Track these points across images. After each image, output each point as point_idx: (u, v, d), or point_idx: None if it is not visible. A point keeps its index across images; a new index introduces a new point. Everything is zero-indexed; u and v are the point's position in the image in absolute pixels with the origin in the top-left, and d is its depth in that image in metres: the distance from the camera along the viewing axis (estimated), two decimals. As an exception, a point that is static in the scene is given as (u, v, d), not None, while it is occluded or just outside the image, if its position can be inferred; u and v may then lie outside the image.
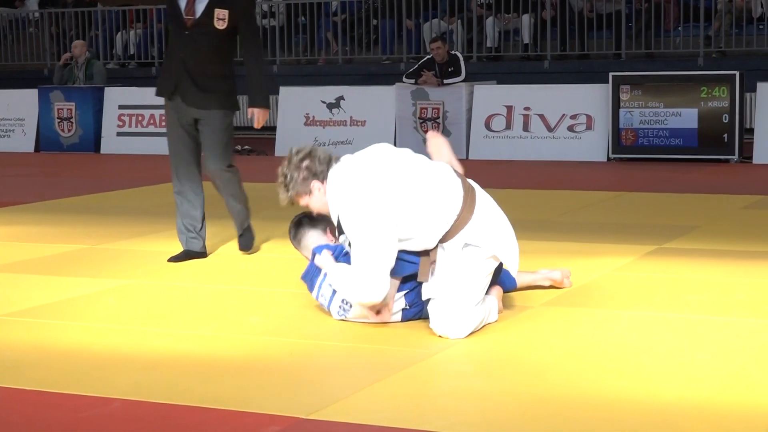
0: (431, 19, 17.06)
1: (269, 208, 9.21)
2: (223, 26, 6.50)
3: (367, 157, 4.92)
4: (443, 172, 4.97)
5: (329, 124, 14.32)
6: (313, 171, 4.88)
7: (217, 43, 6.55)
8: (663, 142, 12.61)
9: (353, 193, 4.77)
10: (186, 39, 6.56)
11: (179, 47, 6.61)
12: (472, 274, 4.86)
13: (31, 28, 20.08)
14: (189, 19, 6.54)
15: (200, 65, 6.56)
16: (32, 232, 8.14)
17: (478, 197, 4.95)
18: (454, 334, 4.82)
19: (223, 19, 6.49)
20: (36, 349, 4.87)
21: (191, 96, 6.57)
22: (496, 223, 4.97)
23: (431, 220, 4.81)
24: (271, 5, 18.34)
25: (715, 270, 6.28)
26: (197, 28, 6.52)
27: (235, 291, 6.04)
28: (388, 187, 4.77)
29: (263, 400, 4.09)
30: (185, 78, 6.56)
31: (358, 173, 4.82)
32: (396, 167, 4.87)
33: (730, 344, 4.73)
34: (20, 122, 15.87)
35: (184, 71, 6.55)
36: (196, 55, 6.55)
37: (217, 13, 6.49)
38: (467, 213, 4.85)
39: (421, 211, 4.80)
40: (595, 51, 16.25)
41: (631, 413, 3.84)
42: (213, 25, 6.50)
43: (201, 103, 6.57)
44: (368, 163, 4.87)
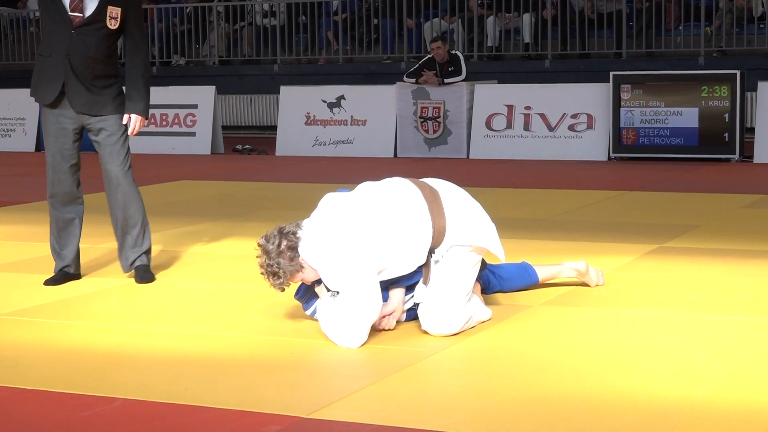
0: (432, 19, 17.07)
1: (270, 207, 9.23)
2: (115, 26, 5.99)
3: (326, 215, 4.85)
4: (403, 196, 4.89)
5: (330, 124, 14.32)
6: (295, 247, 4.81)
7: (108, 43, 6.03)
8: (664, 142, 12.61)
9: (327, 249, 4.72)
10: (72, 38, 5.96)
11: (63, 47, 5.98)
12: (457, 270, 4.89)
13: (32, 27, 20.08)
14: (76, 16, 5.96)
15: (91, 67, 5.99)
16: (33, 232, 8.14)
17: (443, 199, 4.91)
18: (444, 329, 4.84)
19: (116, 18, 5.99)
20: (37, 349, 4.87)
21: (82, 101, 6.03)
22: (470, 215, 4.96)
23: (409, 247, 4.82)
24: (272, 4, 18.34)
25: (715, 269, 6.28)
26: (86, 27, 5.95)
27: (235, 290, 6.04)
28: (358, 233, 4.72)
29: (264, 400, 4.09)
30: (74, 82, 5.99)
31: (325, 230, 4.77)
32: (359, 212, 4.81)
33: (730, 343, 4.73)
34: (21, 122, 15.88)
35: (72, 74, 5.97)
36: (85, 56, 5.97)
37: (110, 12, 5.98)
38: (440, 221, 4.85)
39: (395, 245, 4.79)
40: (595, 50, 16.26)
41: (631, 412, 3.84)
42: (106, 24, 5.97)
43: (94, 108, 6.04)
44: (331, 218, 4.81)
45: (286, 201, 9.85)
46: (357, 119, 14.19)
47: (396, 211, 4.85)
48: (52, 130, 6.15)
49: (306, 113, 14.48)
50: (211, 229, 8.11)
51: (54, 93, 6.04)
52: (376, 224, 4.78)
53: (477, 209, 5.02)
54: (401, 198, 4.89)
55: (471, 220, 4.94)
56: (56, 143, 6.16)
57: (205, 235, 7.76)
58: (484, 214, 5.03)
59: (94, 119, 6.06)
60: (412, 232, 4.82)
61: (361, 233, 4.73)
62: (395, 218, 4.82)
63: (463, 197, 5.03)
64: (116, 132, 6.10)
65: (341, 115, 14.31)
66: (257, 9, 18.62)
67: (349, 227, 4.75)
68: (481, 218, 4.99)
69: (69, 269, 6.23)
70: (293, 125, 14.47)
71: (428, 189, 4.96)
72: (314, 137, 14.28)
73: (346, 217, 4.79)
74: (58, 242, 6.26)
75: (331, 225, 4.78)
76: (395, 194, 4.92)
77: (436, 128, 13.68)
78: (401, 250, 4.82)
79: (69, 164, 6.18)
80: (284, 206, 9.36)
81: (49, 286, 6.11)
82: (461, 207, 4.96)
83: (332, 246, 4.73)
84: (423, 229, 4.84)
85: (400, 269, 4.90)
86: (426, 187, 4.97)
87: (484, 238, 4.94)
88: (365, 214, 4.80)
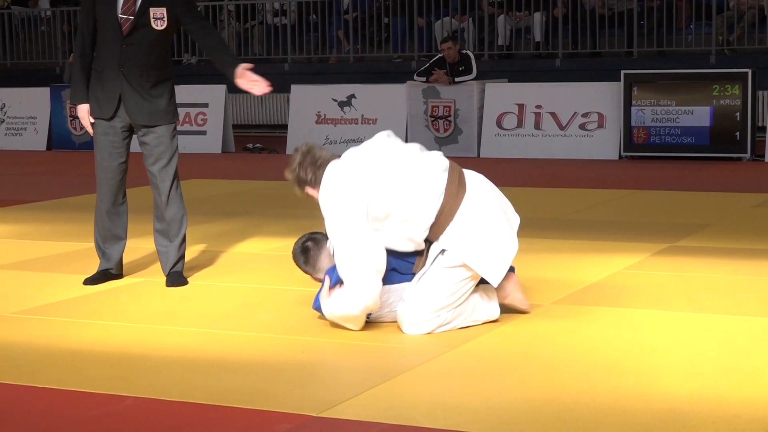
0: (442, 18, 17.06)
1: (280, 206, 9.24)
2: (162, 26, 5.96)
3: (353, 154, 4.95)
4: (431, 162, 4.91)
5: (340, 122, 14.33)
6: (302, 180, 4.97)
7: (160, 47, 6.02)
8: (675, 140, 12.58)
9: (329, 189, 4.83)
10: (123, 49, 5.94)
11: (115, 60, 5.96)
12: (440, 280, 4.84)
13: (43, 26, 20.13)
14: (127, 19, 5.92)
15: (145, 75, 5.98)
16: (44, 230, 8.16)
17: (470, 194, 4.87)
18: (413, 330, 4.86)
19: (162, 18, 5.95)
20: (48, 347, 4.88)
21: (140, 112, 6.01)
22: (475, 230, 4.83)
23: (414, 204, 4.79)
24: (283, 4, 18.35)
25: (726, 268, 6.27)
26: (135, 34, 5.92)
27: (246, 289, 6.04)
28: (363, 179, 4.79)
29: (274, 398, 4.09)
30: (130, 94, 5.97)
31: (337, 169, 4.87)
32: (378, 158, 4.87)
33: (741, 342, 4.72)
34: (32, 120, 15.91)
35: (128, 86, 5.96)
36: (139, 65, 5.96)
37: (153, 13, 5.94)
38: (452, 205, 4.81)
39: (401, 196, 4.79)
40: (606, 49, 16.23)
41: (642, 412, 3.83)
42: (151, 25, 5.94)
43: (152, 119, 6.02)
44: (350, 158, 4.91)
45: (297, 200, 9.82)
46: (367, 118, 14.19)
47: (415, 172, 4.84)
48: (101, 128, 6.08)
49: (316, 112, 14.49)
50: (222, 227, 8.12)
51: (112, 108, 6.01)
52: (390, 177, 4.80)
53: (490, 226, 4.86)
54: (428, 166, 4.87)
55: (473, 235, 4.83)
56: (105, 140, 6.09)
57: (215, 234, 7.77)
58: (495, 233, 4.86)
59: (147, 129, 6.06)
60: (420, 195, 4.79)
61: (370, 183, 4.76)
62: (412, 177, 4.82)
63: (485, 210, 4.89)
64: (166, 137, 6.09)
65: (352, 114, 14.31)
66: (268, 8, 18.64)
67: (361, 174, 4.78)
68: (486, 237, 4.84)
69: (112, 270, 6.24)
70: (304, 124, 14.48)
71: (458, 181, 4.89)
72: (325, 136, 14.29)
73: (364, 162, 4.83)
74: (103, 243, 6.23)
75: (347, 166, 4.84)
76: (425, 161, 4.90)
77: (447, 127, 13.68)
78: (406, 209, 4.78)
79: (117, 162, 6.12)
80: (295, 205, 9.34)
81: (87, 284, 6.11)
82: (473, 219, 4.85)
83: (335, 188, 4.79)
84: (429, 206, 4.80)
85: (396, 239, 4.84)
86: (458, 177, 4.90)
87: (473, 258, 4.81)
88: (385, 167, 4.83)
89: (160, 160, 6.09)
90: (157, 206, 6.17)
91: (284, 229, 7.68)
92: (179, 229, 6.17)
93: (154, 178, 6.12)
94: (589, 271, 6.22)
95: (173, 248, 6.15)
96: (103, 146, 6.09)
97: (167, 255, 6.16)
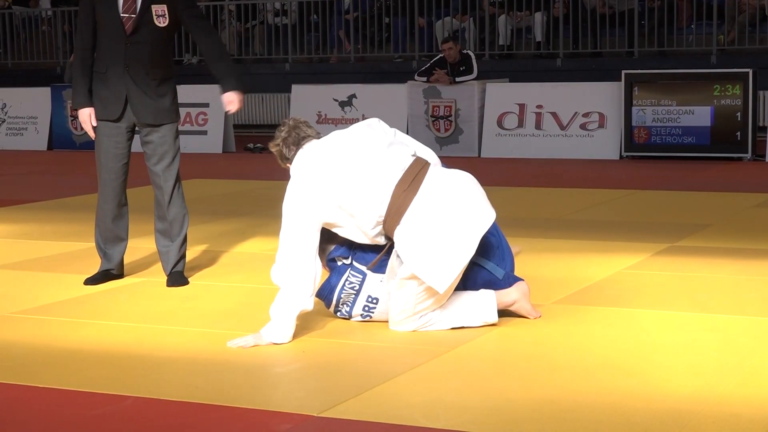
0: (443, 17, 17.06)
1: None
2: (164, 23, 5.95)
3: (328, 142, 5.07)
4: (390, 160, 4.91)
5: (341, 122, 14.32)
6: (284, 156, 5.21)
7: (163, 44, 6.02)
8: (676, 140, 12.58)
9: (294, 174, 4.99)
10: (128, 48, 5.93)
11: (120, 60, 5.95)
12: (402, 291, 4.84)
13: (44, 26, 20.14)
14: (129, 18, 5.90)
15: (151, 74, 5.98)
16: (45, 230, 8.16)
17: (420, 197, 4.78)
18: (393, 326, 4.94)
19: (164, 15, 5.94)
20: (49, 347, 4.88)
21: (147, 112, 6.02)
22: (428, 232, 4.72)
23: (359, 201, 4.82)
24: (284, 3, 18.35)
25: (727, 268, 6.26)
26: (139, 32, 5.91)
27: (247, 289, 6.04)
28: (319, 171, 4.89)
29: (274, 398, 4.09)
30: (137, 94, 5.98)
31: (306, 158, 5.01)
32: (344, 151, 4.96)
33: (742, 342, 4.72)
34: (33, 120, 15.92)
35: (135, 86, 5.96)
36: (144, 63, 5.95)
37: (155, 10, 5.93)
38: (399, 206, 4.77)
39: (349, 192, 4.83)
40: (607, 49, 16.23)
41: (643, 411, 3.83)
42: (154, 23, 5.94)
43: (158, 118, 6.03)
44: (322, 147, 5.03)
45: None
46: (368, 118, 14.18)
47: (370, 162, 4.88)
48: (106, 130, 6.07)
49: (317, 112, 14.50)
50: (222, 227, 8.12)
51: (119, 109, 6.01)
52: (345, 170, 4.87)
53: (436, 232, 4.71)
54: (383, 167, 4.88)
55: (418, 241, 4.72)
56: (109, 142, 6.07)
57: (216, 234, 7.77)
58: (441, 238, 4.70)
59: (151, 128, 6.07)
60: (363, 199, 4.81)
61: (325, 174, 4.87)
62: (361, 176, 4.85)
63: (433, 214, 4.75)
64: (170, 136, 6.09)
65: (353, 114, 14.31)
66: (269, 8, 18.64)
67: (313, 181, 4.88)
68: (431, 243, 4.70)
69: (113, 271, 6.23)
70: (305, 124, 14.46)
71: (410, 182, 4.83)
72: (326, 136, 14.28)
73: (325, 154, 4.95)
74: (104, 243, 6.22)
75: (308, 158, 4.98)
76: (385, 160, 4.92)
77: (448, 127, 13.68)
78: (350, 210, 4.82)
79: (122, 163, 6.11)
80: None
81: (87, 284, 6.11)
82: (419, 223, 4.74)
83: (294, 177, 4.96)
84: (374, 204, 4.81)
85: (352, 230, 4.90)
86: (413, 178, 4.84)
87: (417, 265, 4.70)
88: (339, 157, 4.93)
89: (164, 160, 6.09)
90: (159, 205, 6.17)
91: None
92: (181, 228, 6.17)
93: (157, 178, 6.12)
94: (589, 271, 6.21)
95: (174, 248, 6.15)
96: (108, 148, 6.08)
97: (168, 255, 6.15)
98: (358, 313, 5.11)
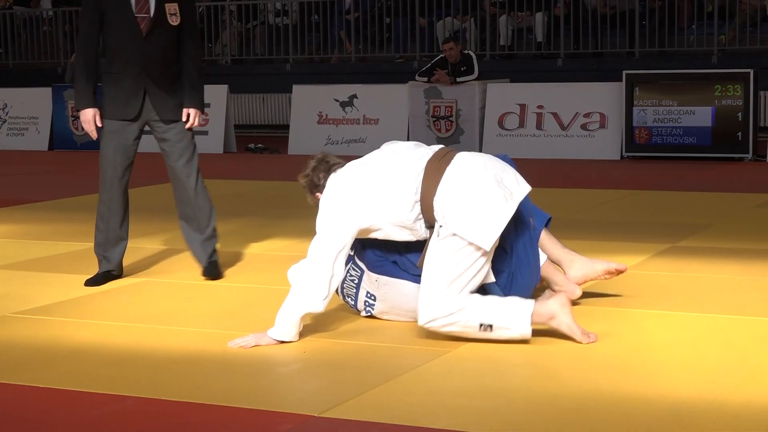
0: (444, 18, 17.05)
1: (282, 206, 9.24)
2: (176, 21, 6.01)
3: (352, 163, 5.02)
4: (418, 148, 4.96)
5: (342, 123, 14.32)
6: (314, 184, 5.03)
7: (175, 42, 6.06)
8: (677, 141, 12.58)
9: (330, 192, 4.90)
10: (145, 49, 5.98)
11: (136, 61, 5.99)
12: (436, 255, 4.72)
13: (45, 26, 20.13)
14: (144, 18, 5.94)
15: (167, 72, 6.05)
16: (46, 230, 8.16)
17: (448, 173, 4.80)
18: (420, 318, 4.76)
19: (176, 14, 6.00)
20: (49, 347, 4.88)
21: (167, 108, 6.08)
22: (460, 198, 4.73)
23: (392, 204, 4.81)
24: (285, 4, 18.35)
25: (728, 268, 6.26)
26: (155, 32, 5.97)
27: (247, 289, 6.04)
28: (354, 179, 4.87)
29: (275, 398, 4.09)
30: (156, 92, 6.04)
31: (340, 177, 4.94)
32: (371, 157, 4.99)
33: (742, 343, 4.72)
34: (34, 120, 15.92)
35: (153, 86, 6.02)
36: (161, 62, 6.01)
37: (168, 9, 5.98)
38: (428, 191, 4.76)
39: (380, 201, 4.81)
40: (608, 49, 16.22)
41: (644, 412, 3.83)
42: (168, 22, 5.98)
43: (178, 113, 6.09)
44: (348, 167, 4.98)
45: (299, 200, 9.80)
46: (369, 118, 14.19)
47: (387, 167, 4.87)
48: (116, 128, 6.08)
49: (318, 112, 14.49)
50: (223, 228, 8.10)
51: (137, 108, 6.05)
52: (367, 181, 4.85)
53: (474, 191, 4.75)
54: (404, 159, 4.89)
55: (457, 203, 4.72)
56: (120, 139, 6.09)
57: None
58: (480, 197, 4.73)
59: (166, 125, 6.13)
60: (395, 188, 4.80)
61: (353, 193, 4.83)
62: (383, 172, 4.85)
63: (468, 177, 4.80)
64: (187, 132, 6.18)
65: (353, 114, 14.31)
66: (270, 8, 18.63)
67: (348, 189, 4.86)
68: (472, 203, 4.71)
69: (113, 272, 6.25)
70: (306, 124, 14.48)
71: (440, 159, 4.87)
72: (327, 136, 14.29)
73: (353, 179, 4.90)
74: (105, 245, 6.22)
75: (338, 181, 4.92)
76: (398, 152, 4.96)
77: (449, 127, 13.68)
78: (384, 204, 4.80)
79: (129, 162, 6.15)
80: (297, 205, 9.34)
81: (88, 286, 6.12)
82: (457, 188, 4.75)
83: (327, 198, 4.89)
84: (407, 190, 4.79)
85: (392, 229, 4.85)
86: (441, 156, 4.90)
87: (459, 225, 4.68)
88: (371, 162, 4.94)
89: (184, 155, 6.18)
90: (182, 203, 6.24)
91: (285, 229, 7.68)
92: (209, 219, 6.24)
93: (180, 174, 6.20)
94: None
95: (206, 239, 6.23)
96: (118, 147, 6.09)
97: (204, 245, 6.23)
98: (362, 307, 5.14)
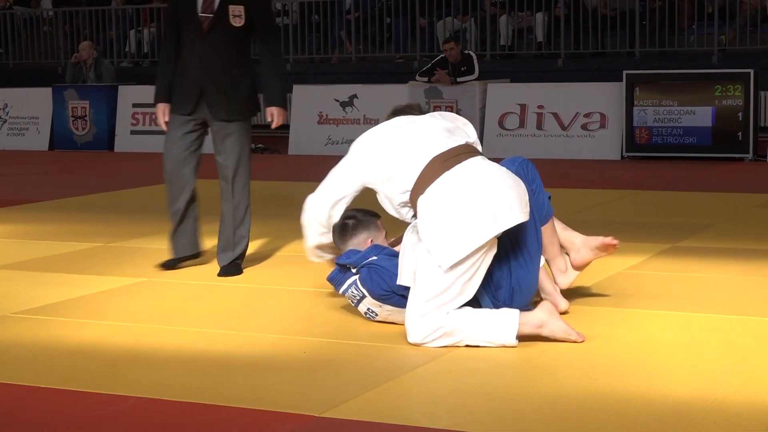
0: (444, 18, 17.06)
1: (282, 206, 9.23)
2: (240, 23, 6.14)
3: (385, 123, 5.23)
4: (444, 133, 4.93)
5: (342, 123, 14.33)
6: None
7: (239, 43, 6.20)
8: (677, 141, 12.58)
9: (352, 146, 5.19)
10: (204, 46, 6.16)
11: (197, 56, 6.18)
12: (420, 272, 4.67)
13: (46, 26, 20.14)
14: (207, 17, 6.12)
15: (228, 72, 6.19)
16: (46, 230, 8.16)
17: (451, 172, 4.70)
18: (408, 335, 4.72)
19: (240, 16, 6.14)
20: (50, 347, 4.88)
21: (221, 108, 6.21)
22: (447, 206, 4.63)
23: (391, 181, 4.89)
24: (285, 4, 18.36)
25: (728, 268, 6.26)
26: (215, 30, 6.13)
27: (247, 289, 6.04)
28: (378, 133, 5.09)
29: (276, 398, 4.09)
30: (212, 91, 6.19)
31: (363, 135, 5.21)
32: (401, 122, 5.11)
33: (743, 343, 4.72)
34: (34, 120, 15.92)
35: (210, 83, 6.17)
36: (220, 60, 6.17)
37: (231, 10, 6.14)
38: (430, 176, 4.73)
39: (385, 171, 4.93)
40: (608, 49, 16.23)
41: (644, 411, 3.83)
42: (230, 22, 6.13)
43: (232, 114, 6.21)
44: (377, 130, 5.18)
45: (299, 200, 9.80)
46: (370, 118, 14.19)
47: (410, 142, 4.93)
48: (175, 122, 6.29)
49: (319, 112, 14.50)
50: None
51: (192, 103, 6.23)
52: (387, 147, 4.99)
53: (458, 209, 4.60)
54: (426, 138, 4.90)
55: (434, 212, 4.64)
56: (177, 131, 6.29)
57: (216, 234, 7.75)
58: (459, 216, 4.58)
59: (223, 124, 6.25)
60: (400, 168, 4.86)
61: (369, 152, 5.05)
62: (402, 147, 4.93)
63: (458, 189, 4.66)
64: (238, 133, 6.26)
65: (354, 114, 14.32)
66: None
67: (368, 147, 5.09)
68: (447, 218, 4.60)
69: (183, 260, 6.44)
70: (306, 124, 14.48)
71: (449, 157, 4.78)
72: (327, 136, 14.29)
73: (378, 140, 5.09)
74: (173, 234, 6.42)
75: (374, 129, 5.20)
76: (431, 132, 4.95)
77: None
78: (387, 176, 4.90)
79: (188, 151, 6.33)
80: (297, 205, 9.33)
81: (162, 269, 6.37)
82: (441, 198, 4.66)
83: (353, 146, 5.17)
84: (405, 176, 4.84)
85: (381, 197, 5.01)
86: (452, 156, 4.78)
87: (427, 235, 4.61)
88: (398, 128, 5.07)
89: (232, 154, 6.27)
90: (225, 200, 6.36)
91: (285, 229, 7.67)
92: (243, 217, 6.34)
93: (227, 171, 6.29)
94: (590, 271, 6.19)
95: (238, 233, 6.34)
96: (173, 140, 6.28)
97: (232, 243, 6.33)
98: (363, 310, 5.13)
